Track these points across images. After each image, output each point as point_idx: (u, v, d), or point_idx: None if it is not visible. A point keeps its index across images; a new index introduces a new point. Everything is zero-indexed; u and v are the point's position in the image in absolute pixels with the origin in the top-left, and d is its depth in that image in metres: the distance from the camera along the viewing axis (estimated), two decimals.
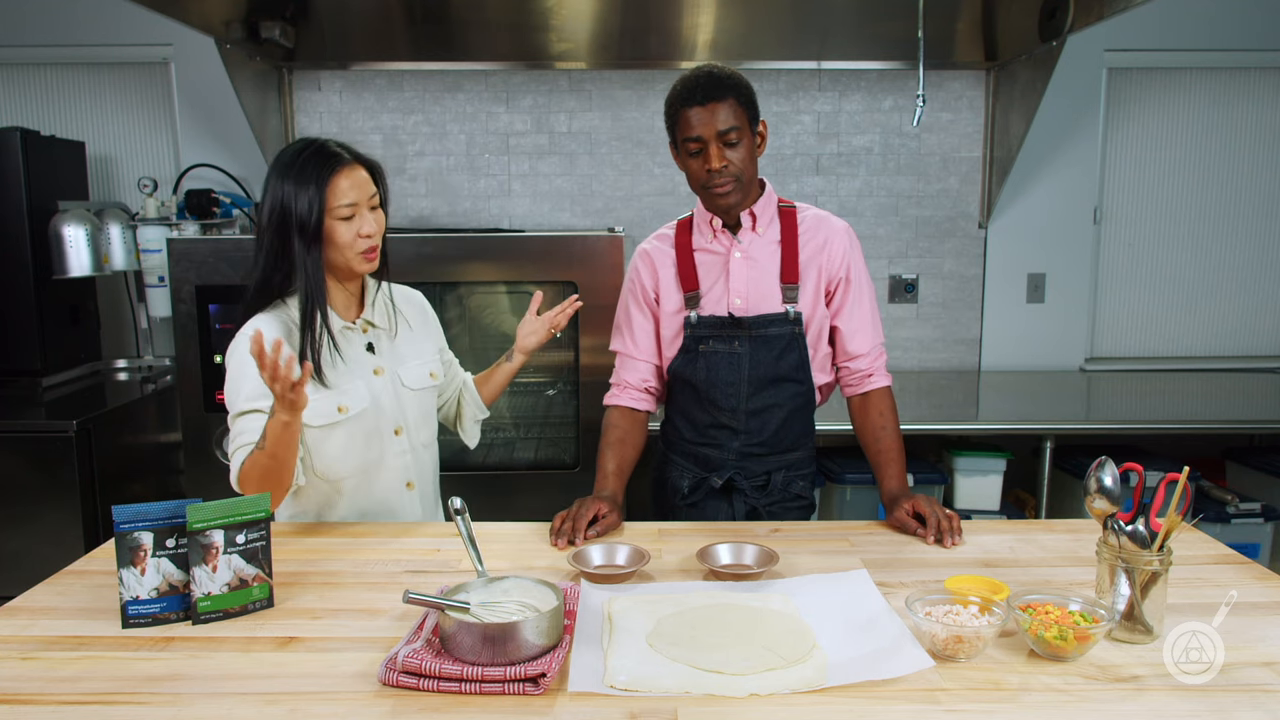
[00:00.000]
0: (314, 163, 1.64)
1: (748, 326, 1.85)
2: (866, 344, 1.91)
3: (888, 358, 1.96)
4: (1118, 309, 3.84)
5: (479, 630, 1.17)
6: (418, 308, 1.94)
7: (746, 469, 1.93)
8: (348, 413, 1.73)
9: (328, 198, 1.63)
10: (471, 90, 3.63)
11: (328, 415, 1.71)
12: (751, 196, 1.87)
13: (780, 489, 1.94)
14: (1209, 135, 3.73)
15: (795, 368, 1.88)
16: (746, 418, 1.89)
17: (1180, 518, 1.27)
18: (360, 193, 1.67)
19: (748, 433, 1.90)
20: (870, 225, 3.71)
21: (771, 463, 1.94)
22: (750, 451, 1.92)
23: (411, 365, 1.84)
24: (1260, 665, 1.19)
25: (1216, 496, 3.09)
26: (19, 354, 3.24)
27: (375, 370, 1.79)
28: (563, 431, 3.10)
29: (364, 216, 1.67)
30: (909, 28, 2.43)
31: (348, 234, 1.66)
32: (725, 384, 1.88)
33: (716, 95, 1.74)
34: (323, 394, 1.70)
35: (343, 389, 1.73)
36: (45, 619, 1.36)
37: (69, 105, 3.66)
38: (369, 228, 1.68)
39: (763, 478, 1.94)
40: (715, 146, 1.76)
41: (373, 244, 1.70)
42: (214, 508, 1.35)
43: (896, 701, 1.11)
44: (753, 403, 1.88)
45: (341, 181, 1.65)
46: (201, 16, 2.98)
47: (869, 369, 1.91)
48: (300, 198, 1.62)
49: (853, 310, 1.90)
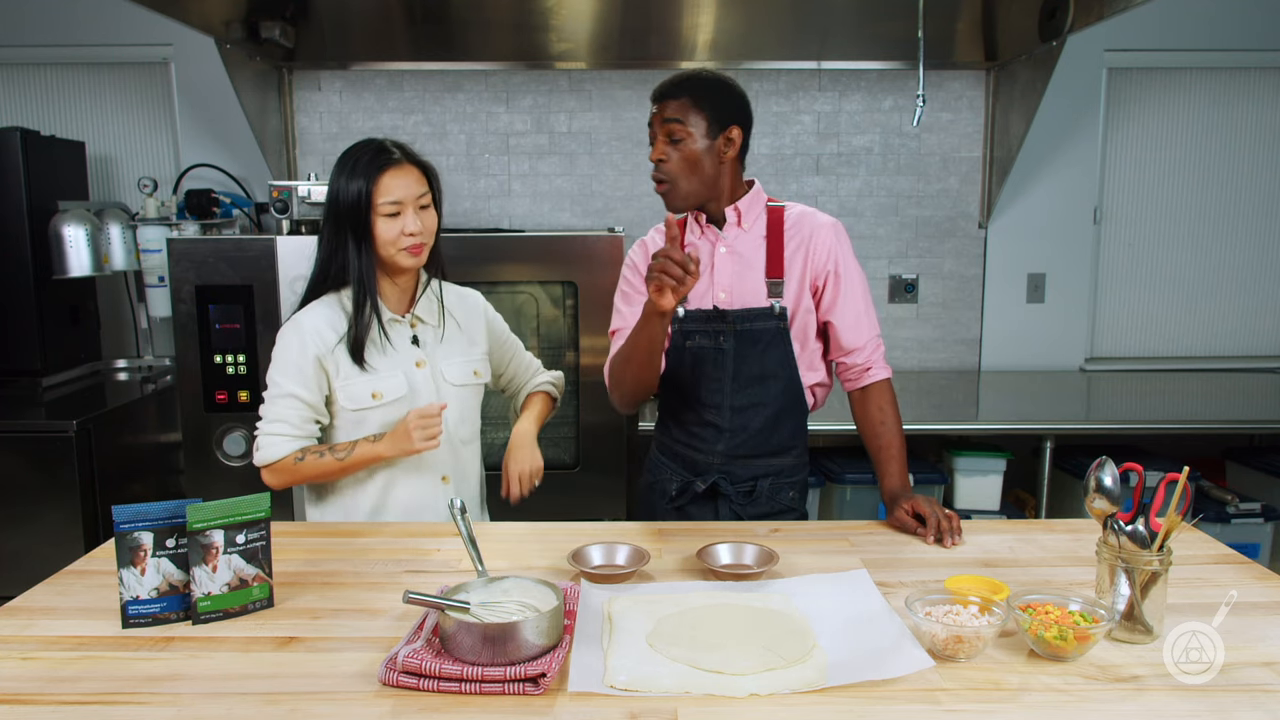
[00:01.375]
0: (365, 159, 1.74)
1: (732, 320, 1.85)
2: (862, 337, 1.89)
3: (885, 350, 1.95)
4: (1118, 309, 3.84)
5: (479, 630, 1.17)
6: (469, 309, 1.98)
7: (732, 473, 1.90)
8: (382, 399, 1.79)
9: (373, 193, 1.72)
10: (471, 90, 3.63)
11: (363, 400, 1.79)
12: (729, 193, 1.87)
13: (768, 497, 1.91)
14: (1209, 135, 3.73)
15: (780, 364, 1.86)
16: (731, 415, 1.88)
17: (1180, 518, 1.27)
18: (407, 192, 1.74)
19: (732, 431, 1.88)
20: (870, 225, 3.71)
21: (758, 467, 1.91)
22: (736, 453, 1.89)
23: (456, 361, 1.90)
24: (1260, 665, 1.19)
25: (1216, 496, 3.09)
26: (19, 354, 3.24)
27: (417, 363, 1.85)
28: (563, 431, 3.10)
29: (409, 215, 1.75)
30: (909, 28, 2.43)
31: (391, 230, 1.74)
32: (710, 380, 1.87)
33: (674, 92, 1.80)
34: (362, 379, 1.78)
35: (382, 377, 1.80)
36: (45, 619, 1.36)
37: (69, 105, 3.66)
38: (413, 226, 1.74)
39: (749, 484, 1.90)
40: (660, 138, 1.80)
41: (417, 242, 1.76)
42: (214, 508, 1.35)
43: (896, 701, 1.11)
44: (738, 399, 1.87)
45: (386, 179, 1.73)
46: (201, 16, 2.98)
47: (866, 362, 1.90)
48: (350, 191, 1.72)
49: (845, 304, 1.88)
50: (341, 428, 1.82)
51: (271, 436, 1.76)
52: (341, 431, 1.82)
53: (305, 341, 1.76)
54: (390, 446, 1.76)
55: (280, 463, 1.76)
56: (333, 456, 1.77)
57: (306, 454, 1.77)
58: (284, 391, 1.76)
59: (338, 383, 1.78)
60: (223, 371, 2.87)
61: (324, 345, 1.76)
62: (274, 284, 2.84)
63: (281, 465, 1.77)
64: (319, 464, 1.77)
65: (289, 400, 1.76)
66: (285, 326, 1.80)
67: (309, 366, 1.76)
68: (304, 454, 1.77)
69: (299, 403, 1.76)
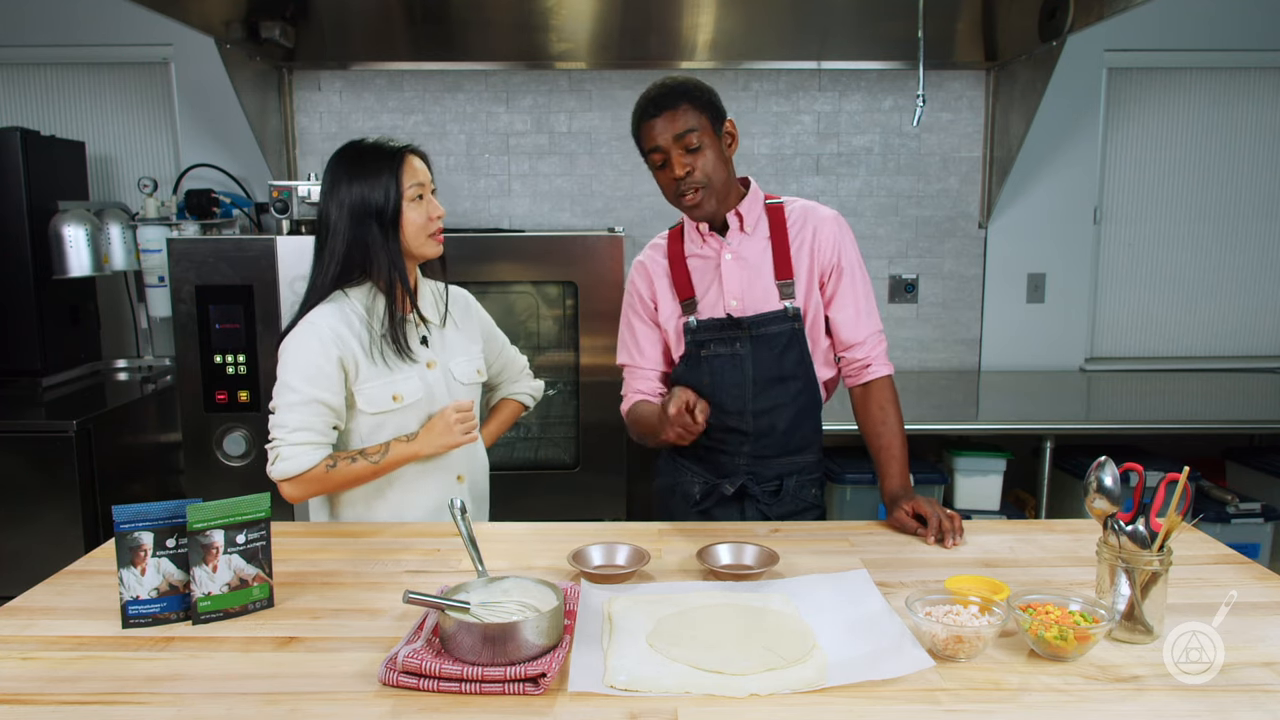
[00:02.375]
0: (381, 153, 1.72)
1: (747, 327, 1.85)
2: (863, 331, 1.88)
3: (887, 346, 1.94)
4: (1118, 309, 3.84)
5: (479, 630, 1.17)
6: (463, 307, 1.97)
7: (759, 474, 1.91)
8: (402, 401, 1.76)
9: (401, 181, 1.71)
10: (471, 90, 3.63)
11: (383, 403, 1.75)
12: (734, 197, 1.87)
13: (793, 495, 1.91)
14: (1209, 135, 3.73)
15: (798, 364, 1.87)
16: (754, 419, 1.87)
17: (1180, 518, 1.27)
18: (426, 175, 1.76)
19: (757, 435, 1.88)
20: (870, 225, 3.71)
21: (783, 465, 1.91)
22: (762, 454, 1.90)
23: (460, 360, 1.89)
24: (1260, 665, 1.19)
25: (1216, 496, 3.09)
26: (19, 354, 3.24)
27: (428, 363, 1.82)
28: (563, 431, 3.10)
29: (430, 199, 1.76)
30: (909, 28, 2.43)
31: (420, 216, 1.74)
32: (730, 386, 1.87)
33: (668, 103, 1.76)
34: (380, 381, 1.75)
35: (400, 378, 1.76)
36: (45, 619, 1.36)
37: (69, 105, 3.66)
38: (437, 209, 1.76)
39: (775, 483, 1.91)
40: (676, 154, 1.76)
41: (440, 227, 1.77)
42: (214, 508, 1.35)
43: (896, 701, 1.11)
44: (759, 403, 1.87)
45: (407, 167, 1.73)
46: (201, 16, 2.98)
47: (867, 358, 1.89)
48: (375, 188, 1.70)
49: (846, 298, 1.88)
50: (356, 431, 1.77)
51: (297, 446, 1.68)
52: (355, 436, 1.78)
53: (326, 343, 1.69)
54: (428, 444, 1.74)
55: (310, 472, 1.68)
56: (366, 461, 1.71)
57: (338, 460, 1.70)
58: (307, 397, 1.68)
59: (356, 385, 1.73)
60: (223, 371, 2.87)
61: (344, 347, 1.70)
62: (274, 284, 2.84)
63: (311, 475, 1.69)
64: (351, 470, 1.71)
65: (314, 406, 1.68)
66: (299, 329, 1.71)
67: (331, 369, 1.69)
68: (335, 461, 1.70)
69: (324, 408, 1.69)
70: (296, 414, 1.69)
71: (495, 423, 2.10)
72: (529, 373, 2.17)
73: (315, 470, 1.69)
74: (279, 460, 1.69)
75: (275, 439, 1.70)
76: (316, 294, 1.75)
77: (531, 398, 2.16)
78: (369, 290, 1.76)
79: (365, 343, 1.73)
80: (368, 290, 1.76)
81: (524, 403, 2.15)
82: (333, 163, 1.75)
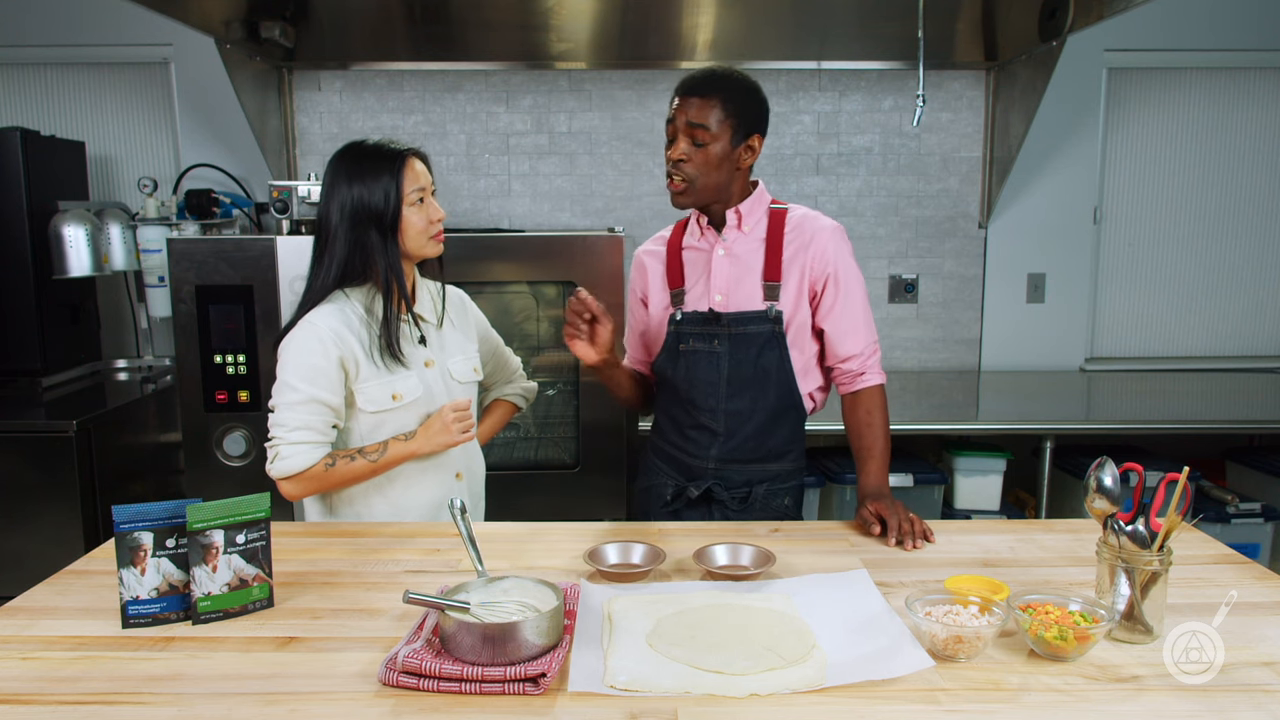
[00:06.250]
0: (382, 156, 1.72)
1: (726, 323, 1.84)
2: (858, 345, 1.88)
3: (882, 355, 1.94)
4: (1118, 309, 3.84)
5: (479, 630, 1.17)
6: (459, 305, 1.98)
7: (726, 478, 1.89)
8: (401, 400, 1.76)
9: (402, 185, 1.71)
10: (471, 90, 3.63)
11: (382, 402, 1.75)
12: (736, 197, 1.87)
13: (762, 503, 1.89)
14: (1209, 135, 3.73)
15: (775, 368, 1.85)
16: (725, 419, 1.87)
17: (1180, 518, 1.27)
18: (426, 179, 1.76)
19: (726, 435, 1.87)
20: (870, 225, 3.71)
21: (753, 472, 1.89)
22: (730, 457, 1.89)
23: (458, 359, 1.89)
24: (1260, 665, 1.19)
25: (1216, 496, 3.09)
26: (19, 354, 3.24)
27: (426, 362, 1.83)
28: (563, 431, 3.10)
29: (430, 202, 1.76)
30: (909, 28, 2.43)
31: (420, 219, 1.74)
32: (704, 383, 1.86)
33: (703, 90, 1.77)
34: (380, 381, 1.75)
35: (400, 378, 1.77)
36: (45, 619, 1.36)
37: (69, 105, 3.66)
38: (437, 212, 1.77)
39: (744, 489, 1.89)
40: (682, 137, 1.78)
41: (440, 228, 1.78)
42: (214, 508, 1.35)
43: (896, 701, 1.11)
44: (731, 404, 1.86)
45: (408, 169, 1.73)
46: (201, 16, 2.98)
47: (860, 369, 1.89)
48: (375, 192, 1.70)
49: (843, 311, 1.86)
50: (355, 430, 1.78)
51: (297, 445, 1.69)
52: (354, 435, 1.79)
53: (326, 343, 1.70)
54: (425, 442, 1.75)
55: (309, 471, 1.70)
56: (365, 459, 1.73)
57: (336, 459, 1.72)
58: (307, 396, 1.69)
59: (356, 385, 1.74)
60: (223, 371, 2.87)
61: (345, 347, 1.71)
62: (274, 284, 2.84)
63: (311, 474, 1.70)
64: (350, 468, 1.72)
65: (313, 405, 1.70)
66: (300, 329, 1.72)
67: (332, 369, 1.70)
68: (334, 459, 1.72)
69: (323, 407, 1.71)
70: (296, 413, 1.70)
71: (489, 423, 2.11)
72: (523, 374, 2.18)
73: (314, 469, 1.70)
74: (278, 459, 1.70)
75: (275, 437, 1.71)
76: (315, 295, 1.76)
77: (524, 398, 2.17)
78: (369, 290, 1.77)
79: (365, 342, 1.74)
80: (368, 290, 1.77)
81: (517, 403, 2.15)
82: (333, 164, 1.75)
